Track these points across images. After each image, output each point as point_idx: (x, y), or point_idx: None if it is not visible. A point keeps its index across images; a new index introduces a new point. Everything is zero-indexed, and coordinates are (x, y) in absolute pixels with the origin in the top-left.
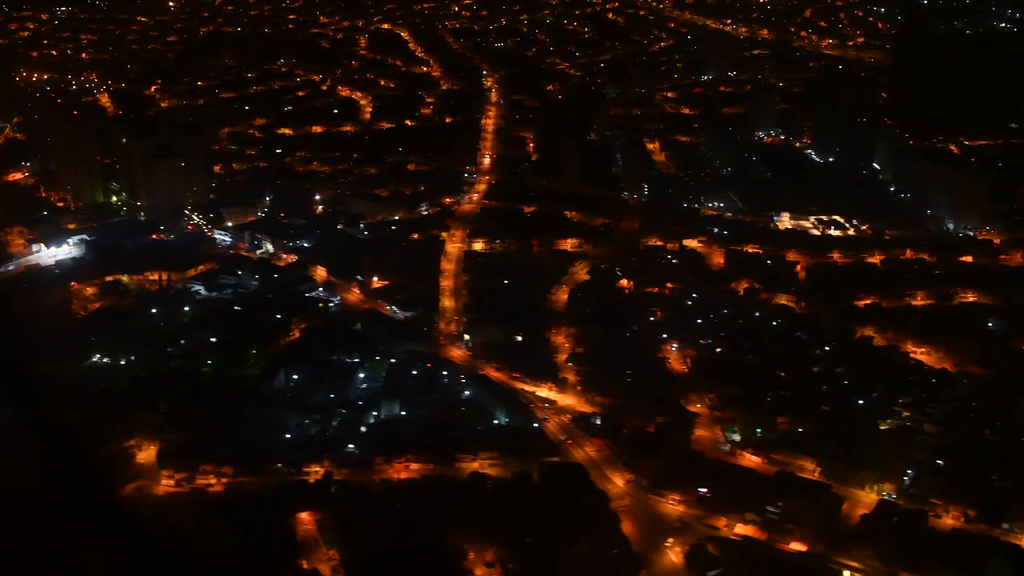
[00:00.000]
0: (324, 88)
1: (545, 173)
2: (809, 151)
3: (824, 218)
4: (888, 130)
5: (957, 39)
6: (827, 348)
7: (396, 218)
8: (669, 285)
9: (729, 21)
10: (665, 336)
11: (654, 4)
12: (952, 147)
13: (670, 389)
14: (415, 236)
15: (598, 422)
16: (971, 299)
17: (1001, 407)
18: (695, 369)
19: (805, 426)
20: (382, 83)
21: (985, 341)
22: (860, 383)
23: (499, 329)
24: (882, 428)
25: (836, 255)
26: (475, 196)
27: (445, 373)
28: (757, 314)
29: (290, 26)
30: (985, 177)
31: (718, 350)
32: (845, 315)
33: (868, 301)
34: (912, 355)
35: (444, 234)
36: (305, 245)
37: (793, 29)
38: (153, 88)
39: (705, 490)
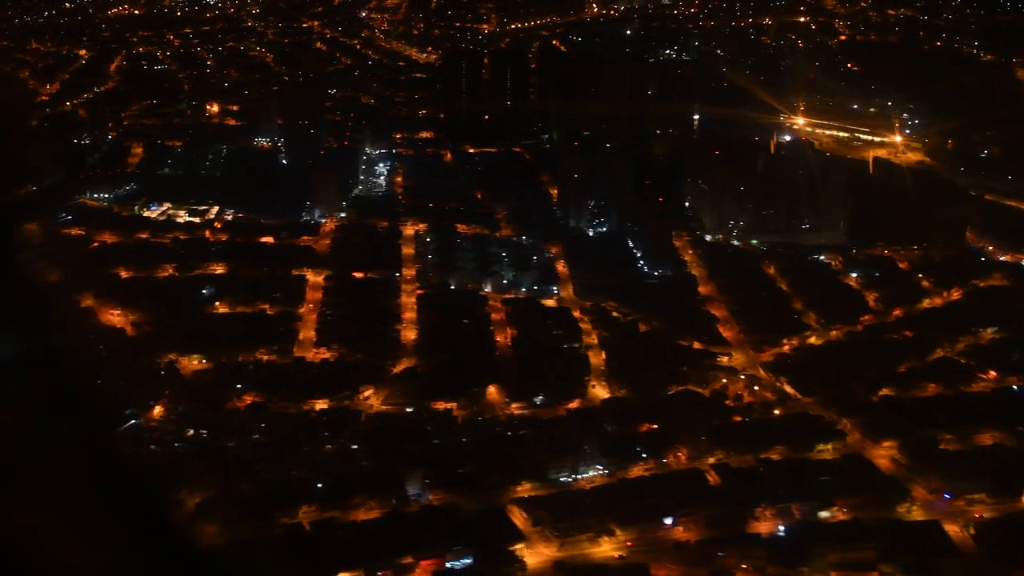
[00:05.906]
0: None
1: None
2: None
3: (199, 208)
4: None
5: (493, 57)
6: None
7: None
8: None
9: (430, 49)
10: None
11: (379, 38)
12: (447, 154)
13: None
14: None
15: None
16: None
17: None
18: None
19: None
20: None
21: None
22: None
23: None
24: None
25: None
26: None
27: None
28: None
29: None
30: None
31: None
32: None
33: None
34: None
35: None
36: None
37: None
38: None
39: None
